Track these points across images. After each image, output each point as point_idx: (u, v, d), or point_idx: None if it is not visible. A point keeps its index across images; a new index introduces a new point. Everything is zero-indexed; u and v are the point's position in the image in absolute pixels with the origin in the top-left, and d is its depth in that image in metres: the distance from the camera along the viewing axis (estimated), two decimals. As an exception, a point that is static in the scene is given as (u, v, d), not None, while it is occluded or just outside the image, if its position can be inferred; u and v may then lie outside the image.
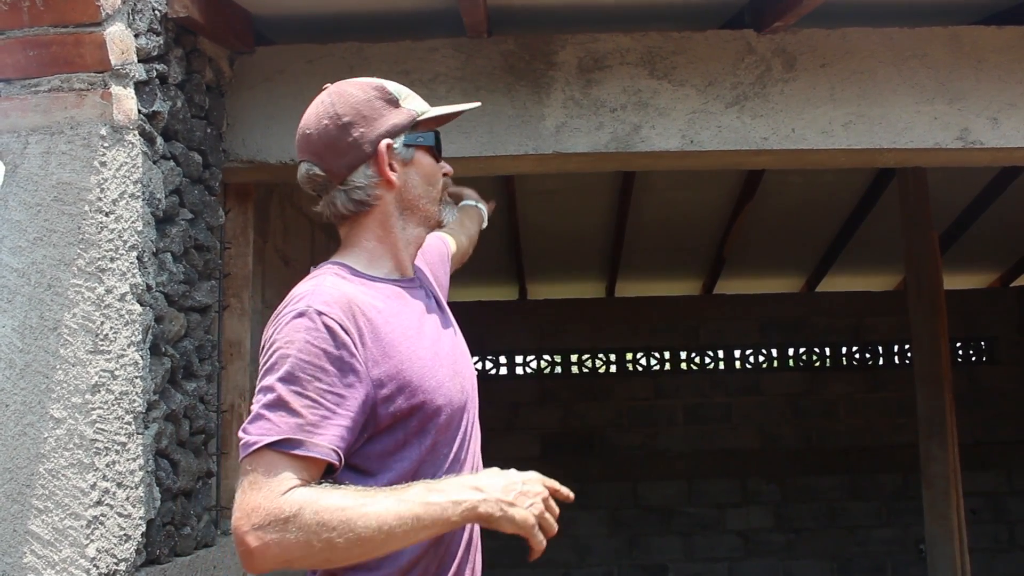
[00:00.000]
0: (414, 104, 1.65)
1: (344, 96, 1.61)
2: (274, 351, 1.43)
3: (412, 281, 1.68)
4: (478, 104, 1.79)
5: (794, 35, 3.09)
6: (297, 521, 1.32)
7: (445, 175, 1.72)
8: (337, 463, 1.41)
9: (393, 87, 1.65)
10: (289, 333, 1.43)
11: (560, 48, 3.09)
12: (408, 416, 1.50)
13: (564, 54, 3.10)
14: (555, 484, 1.50)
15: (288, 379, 1.40)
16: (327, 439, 1.39)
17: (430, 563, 1.53)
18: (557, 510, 1.48)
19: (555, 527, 1.47)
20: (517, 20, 3.13)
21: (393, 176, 1.61)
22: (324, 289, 1.49)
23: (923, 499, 4.87)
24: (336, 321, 1.44)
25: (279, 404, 1.39)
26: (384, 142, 1.59)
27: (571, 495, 1.53)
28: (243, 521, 1.34)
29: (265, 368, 1.44)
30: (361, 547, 1.35)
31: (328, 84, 1.67)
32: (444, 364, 1.59)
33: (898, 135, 3.07)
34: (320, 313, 1.44)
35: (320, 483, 1.40)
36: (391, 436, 1.50)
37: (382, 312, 1.53)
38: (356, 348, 1.45)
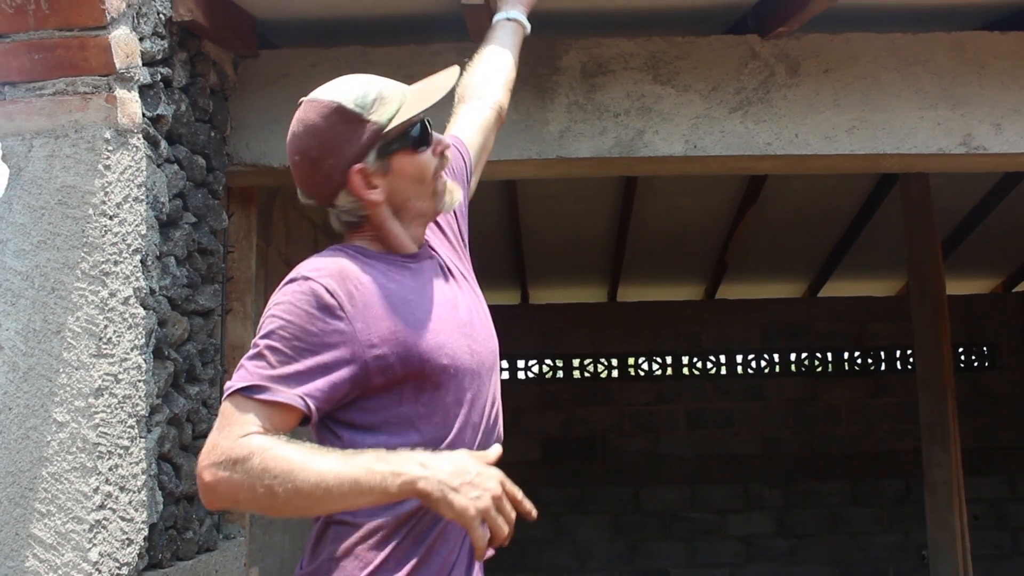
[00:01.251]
0: (382, 112, 1.59)
1: (309, 127, 1.60)
2: (265, 314, 1.53)
3: (417, 256, 1.69)
4: (453, 84, 1.67)
5: (798, 40, 3.09)
6: (246, 464, 1.39)
7: (443, 153, 1.66)
8: (306, 411, 1.47)
9: (356, 99, 1.59)
10: (279, 297, 1.53)
11: (564, 53, 3.10)
12: (403, 376, 1.54)
13: (568, 59, 3.10)
14: (516, 492, 1.44)
15: (269, 335, 1.49)
16: (297, 389, 1.46)
17: (426, 514, 1.54)
18: (512, 515, 1.43)
19: (505, 530, 1.40)
20: (521, 25, 3.13)
21: (374, 194, 1.62)
22: (318, 259, 1.58)
23: (925, 505, 4.87)
24: (322, 285, 1.51)
25: (257, 356, 1.49)
26: (354, 168, 1.59)
27: (533, 511, 1.46)
28: (203, 456, 1.43)
29: (258, 329, 1.53)
30: (299, 500, 1.39)
31: (303, 99, 1.65)
32: (449, 327, 1.61)
33: (901, 140, 3.06)
34: (307, 278, 1.52)
35: (290, 437, 1.45)
36: (388, 395, 1.54)
37: (378, 279, 1.57)
38: (343, 310, 1.51)
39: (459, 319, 1.65)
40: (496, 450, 1.52)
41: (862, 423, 7.41)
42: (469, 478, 1.40)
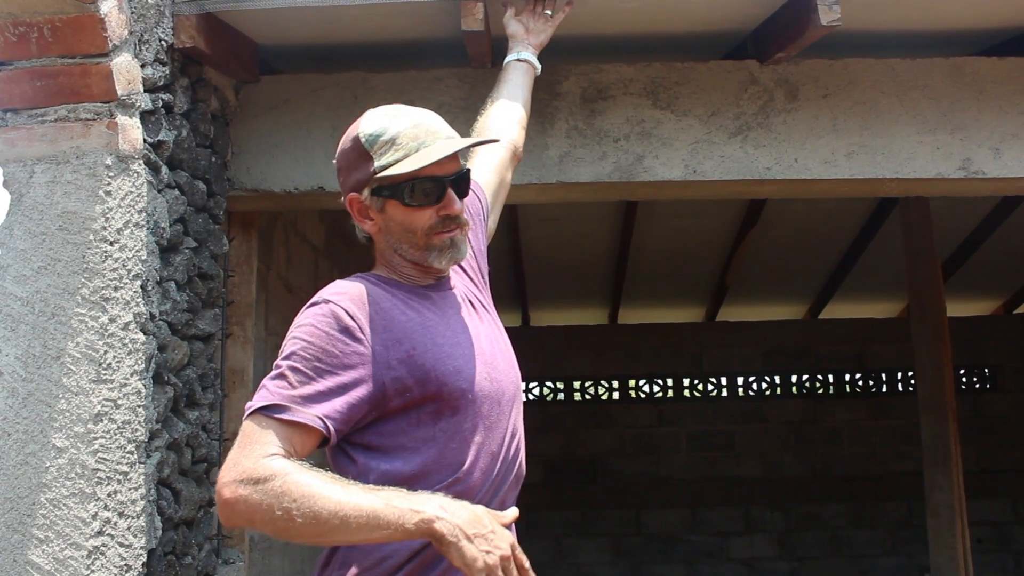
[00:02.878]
0: (386, 156, 1.60)
1: (343, 140, 1.68)
2: (287, 337, 1.56)
3: (437, 287, 1.71)
4: (451, 151, 1.61)
5: (796, 66, 3.11)
6: (267, 485, 1.41)
7: (446, 215, 1.64)
8: (325, 432, 1.49)
9: (371, 133, 1.62)
10: (301, 320, 1.57)
11: (564, 78, 3.11)
12: (421, 399, 1.56)
13: (568, 84, 3.12)
14: (525, 561, 1.44)
15: (291, 356, 1.52)
16: (316, 410, 1.48)
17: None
18: None
19: None
20: (521, 50, 3.15)
21: (367, 224, 1.68)
22: (340, 284, 1.62)
23: (928, 528, 4.85)
24: (342, 308, 1.55)
25: (279, 376, 1.51)
26: (351, 196, 1.67)
27: None
28: (224, 473, 1.44)
29: (280, 352, 1.56)
30: (317, 527, 1.40)
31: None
32: (469, 354, 1.63)
33: (900, 165, 3.07)
34: (328, 301, 1.56)
35: (310, 462, 1.46)
36: (405, 418, 1.56)
37: (398, 305, 1.61)
38: (363, 332, 1.54)
39: (479, 347, 1.66)
40: (513, 512, 1.53)
41: (863, 445, 7.39)
42: (484, 532, 1.41)
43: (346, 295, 1.57)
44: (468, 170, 1.69)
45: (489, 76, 3.09)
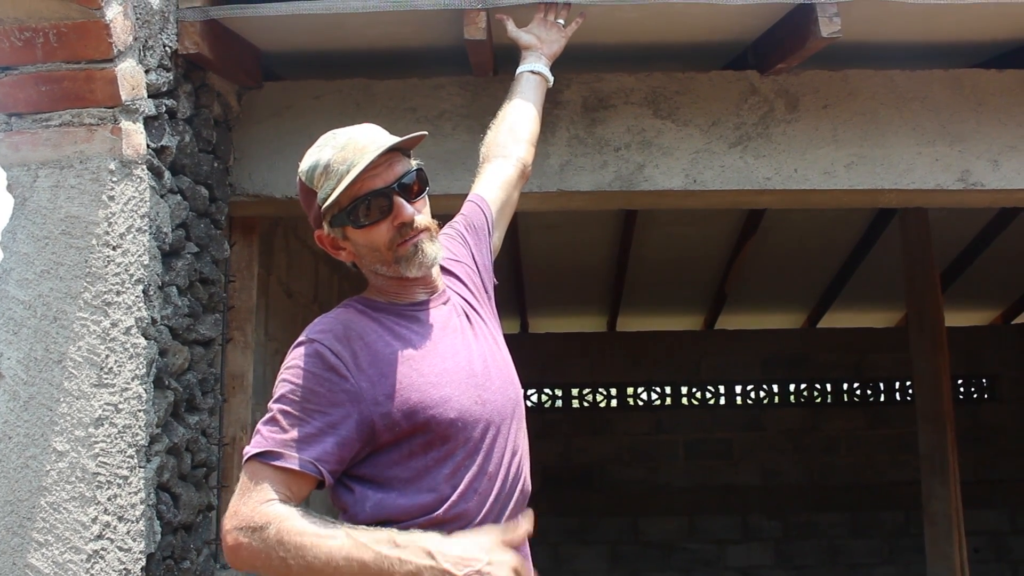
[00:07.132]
0: (324, 187, 1.61)
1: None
2: (278, 378, 1.58)
3: (426, 304, 1.71)
4: (367, 162, 1.58)
5: (797, 76, 3.12)
6: (263, 533, 1.44)
7: (401, 224, 1.63)
8: (318, 476, 1.51)
9: (306, 170, 1.64)
10: (289, 360, 1.59)
11: (565, 87, 3.12)
12: (410, 431, 1.56)
13: (569, 93, 3.13)
14: None
15: (281, 400, 1.55)
16: (309, 454, 1.50)
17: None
18: None
19: None
20: (522, 59, 3.16)
21: (342, 254, 1.71)
22: (325, 319, 1.63)
23: (925, 537, 4.85)
24: (327, 347, 1.56)
25: (271, 421, 1.54)
26: (316, 233, 1.70)
27: None
28: (226, 520, 1.49)
29: (272, 394, 1.58)
30: (310, 574, 1.43)
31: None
32: (456, 379, 1.62)
33: (900, 176, 3.09)
34: (313, 340, 1.57)
35: (305, 505, 1.48)
36: (397, 450, 1.57)
37: (383, 335, 1.61)
38: (348, 370, 1.55)
39: (469, 369, 1.65)
40: (523, 526, 1.53)
41: (861, 454, 7.39)
42: (478, 566, 1.41)
43: (330, 333, 1.58)
44: (417, 169, 1.66)
45: (491, 84, 3.12)
